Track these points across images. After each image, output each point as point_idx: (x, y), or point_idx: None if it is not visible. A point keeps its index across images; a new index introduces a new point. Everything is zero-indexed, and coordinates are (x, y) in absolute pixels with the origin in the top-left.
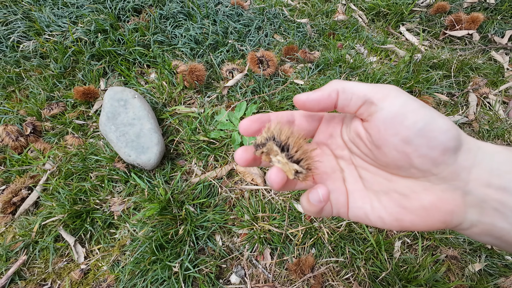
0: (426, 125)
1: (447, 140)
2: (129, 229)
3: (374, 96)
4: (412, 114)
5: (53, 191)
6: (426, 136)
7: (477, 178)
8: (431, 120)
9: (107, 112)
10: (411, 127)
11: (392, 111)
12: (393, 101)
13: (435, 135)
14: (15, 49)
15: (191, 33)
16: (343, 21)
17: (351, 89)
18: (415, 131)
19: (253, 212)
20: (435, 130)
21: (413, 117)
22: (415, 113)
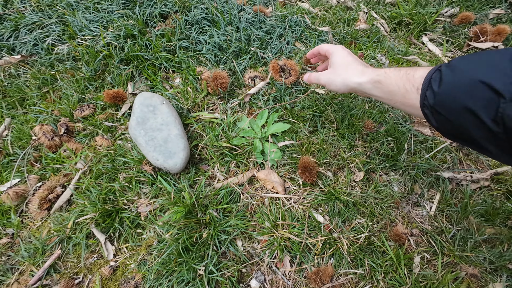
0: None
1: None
2: (155, 230)
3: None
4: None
5: (85, 190)
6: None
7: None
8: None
9: (137, 117)
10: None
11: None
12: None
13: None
14: (49, 51)
15: (215, 40)
16: (365, 30)
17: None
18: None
19: (273, 219)
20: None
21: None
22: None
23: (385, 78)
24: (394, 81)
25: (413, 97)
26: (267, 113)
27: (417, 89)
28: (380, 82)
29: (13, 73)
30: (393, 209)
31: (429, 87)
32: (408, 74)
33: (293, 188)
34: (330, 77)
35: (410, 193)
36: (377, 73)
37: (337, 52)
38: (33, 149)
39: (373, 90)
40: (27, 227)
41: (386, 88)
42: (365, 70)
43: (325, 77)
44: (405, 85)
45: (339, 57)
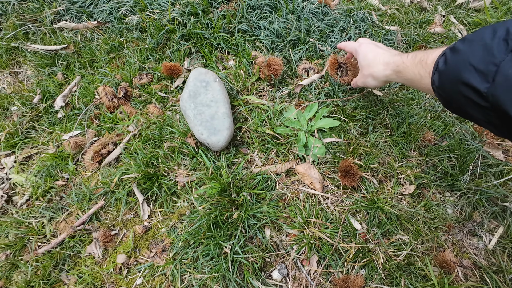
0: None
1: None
2: (190, 201)
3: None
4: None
5: (132, 151)
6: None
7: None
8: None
9: (189, 91)
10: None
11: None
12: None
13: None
14: (121, 21)
15: (274, 26)
16: (439, 34)
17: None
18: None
19: (306, 215)
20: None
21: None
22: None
23: (404, 68)
24: (411, 69)
25: (427, 81)
26: (317, 106)
27: (429, 73)
28: (400, 72)
29: (89, 37)
30: (443, 233)
31: (436, 71)
32: (422, 60)
33: (331, 188)
34: (363, 81)
35: (467, 219)
36: (397, 63)
37: (359, 51)
38: (95, 107)
39: (397, 79)
40: (80, 175)
41: (405, 76)
42: (387, 61)
43: (360, 81)
44: (419, 71)
45: (361, 58)
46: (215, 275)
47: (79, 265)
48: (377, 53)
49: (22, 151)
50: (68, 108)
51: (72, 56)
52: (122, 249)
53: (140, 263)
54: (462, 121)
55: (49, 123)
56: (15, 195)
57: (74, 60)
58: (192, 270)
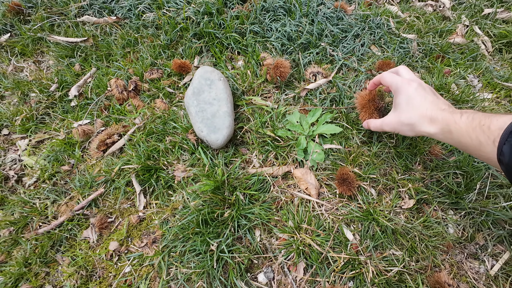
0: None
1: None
2: (184, 196)
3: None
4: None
5: (135, 143)
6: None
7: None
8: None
9: (194, 88)
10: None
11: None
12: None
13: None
14: (139, 17)
15: (286, 29)
16: (460, 45)
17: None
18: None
19: (298, 220)
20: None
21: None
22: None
23: (456, 129)
24: (466, 132)
25: (489, 150)
26: (320, 111)
27: (493, 141)
28: (450, 133)
29: (108, 32)
30: (440, 252)
31: (507, 142)
32: (482, 125)
33: (327, 196)
34: (395, 127)
35: (469, 241)
36: (447, 122)
37: (403, 90)
38: (106, 98)
39: (445, 139)
40: (85, 162)
41: (457, 139)
42: (435, 117)
43: (390, 126)
44: (478, 137)
45: (404, 99)
46: (200, 271)
47: (74, 248)
48: (424, 100)
49: (36, 135)
50: (81, 98)
51: (91, 49)
52: (115, 237)
53: (131, 251)
54: None
55: (63, 110)
56: (25, 176)
57: (92, 53)
58: (179, 264)
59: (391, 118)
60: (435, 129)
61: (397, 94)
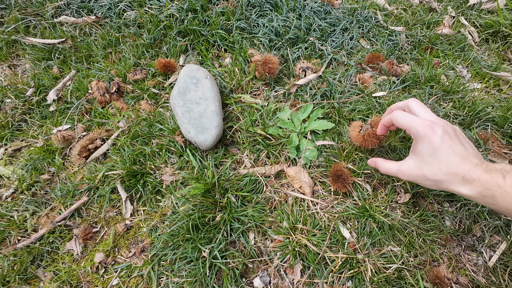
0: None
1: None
2: (173, 201)
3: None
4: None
5: (120, 147)
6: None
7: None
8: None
9: (179, 87)
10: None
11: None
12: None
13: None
14: (119, 16)
15: (273, 24)
16: (447, 36)
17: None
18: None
19: (293, 221)
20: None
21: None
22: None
23: (502, 195)
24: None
25: None
26: (312, 107)
27: None
28: (494, 198)
29: (87, 32)
30: (439, 246)
31: None
32: None
33: (322, 193)
34: (417, 179)
35: (466, 233)
36: (488, 186)
37: (426, 138)
38: (87, 101)
39: (484, 203)
40: (66, 169)
41: (503, 207)
42: (468, 177)
43: (409, 177)
44: None
45: (427, 148)
46: (192, 279)
47: (56, 262)
48: (452, 153)
49: (12, 144)
50: (60, 102)
51: (69, 50)
52: (101, 247)
53: (118, 262)
54: (466, 127)
55: (41, 116)
56: (1, 188)
57: (71, 54)
58: (170, 273)
59: (411, 167)
60: (470, 191)
61: (418, 141)
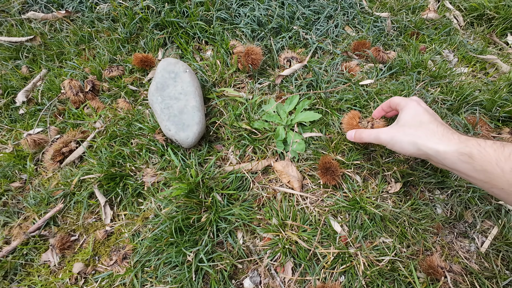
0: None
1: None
2: (156, 203)
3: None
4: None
5: (97, 149)
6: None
7: None
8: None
9: (157, 82)
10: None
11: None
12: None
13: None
14: (92, 10)
15: (255, 14)
16: (433, 20)
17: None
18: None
19: (283, 217)
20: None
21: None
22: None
23: (480, 153)
24: (495, 160)
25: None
26: (298, 99)
27: None
28: (471, 157)
29: (58, 28)
30: (431, 235)
31: None
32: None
33: (312, 187)
34: (394, 135)
35: (457, 220)
36: (467, 144)
37: (410, 106)
38: (59, 102)
39: (458, 164)
40: (39, 176)
41: (479, 167)
42: (448, 135)
43: (387, 134)
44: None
45: (410, 113)
46: (177, 285)
47: (32, 275)
48: (435, 118)
49: None
50: (31, 104)
51: (39, 48)
52: (80, 257)
53: (99, 271)
54: (454, 112)
55: (10, 120)
56: None
57: (40, 53)
58: (154, 280)
59: (391, 128)
60: (448, 147)
61: (403, 110)
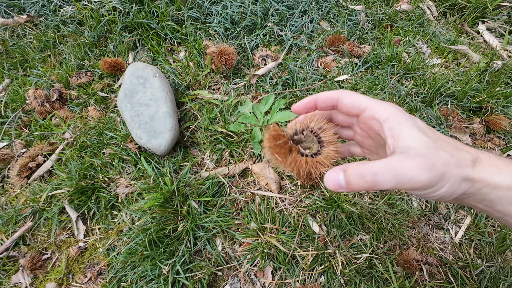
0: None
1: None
2: (130, 215)
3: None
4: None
5: (66, 162)
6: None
7: None
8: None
9: (125, 89)
10: None
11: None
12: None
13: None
14: (56, 13)
15: (228, 12)
16: (406, 12)
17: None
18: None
19: (261, 220)
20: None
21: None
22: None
23: (499, 198)
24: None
25: None
26: (273, 98)
27: None
28: (492, 202)
29: (20, 34)
30: (407, 229)
31: None
32: None
33: (290, 188)
34: (405, 172)
35: (432, 212)
36: (486, 183)
37: (391, 124)
38: (25, 113)
39: (477, 205)
40: (6, 193)
41: (504, 210)
42: (467, 174)
43: (394, 178)
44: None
45: (414, 137)
46: None
47: None
48: (436, 137)
49: None
50: None
51: (0, 57)
52: (53, 276)
53: None
54: (428, 104)
55: None
56: None
57: (2, 61)
58: None
59: (392, 160)
60: (468, 188)
61: (382, 128)
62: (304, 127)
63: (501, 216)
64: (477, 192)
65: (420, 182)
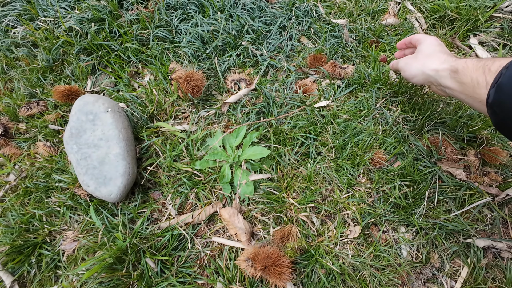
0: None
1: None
2: (73, 279)
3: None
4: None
5: (5, 211)
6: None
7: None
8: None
9: (71, 127)
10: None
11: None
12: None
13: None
14: (6, 34)
15: (198, 30)
16: (393, 26)
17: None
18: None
19: (229, 279)
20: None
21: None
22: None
23: (463, 68)
24: (470, 72)
25: (482, 92)
26: (245, 130)
27: (487, 83)
28: (457, 72)
29: None
30: (396, 286)
31: (496, 84)
32: (485, 65)
33: (263, 236)
34: (408, 62)
35: (424, 263)
36: (458, 62)
37: (427, 40)
38: None
39: (447, 79)
40: None
41: (460, 79)
42: (447, 58)
43: (404, 61)
44: (478, 78)
45: (426, 45)
46: None
47: None
48: (444, 49)
49: None
50: None
51: None
52: None
53: None
54: (417, 132)
55: None
56: None
57: None
58: None
59: (409, 56)
60: (443, 66)
61: (421, 43)
62: None
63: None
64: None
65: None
